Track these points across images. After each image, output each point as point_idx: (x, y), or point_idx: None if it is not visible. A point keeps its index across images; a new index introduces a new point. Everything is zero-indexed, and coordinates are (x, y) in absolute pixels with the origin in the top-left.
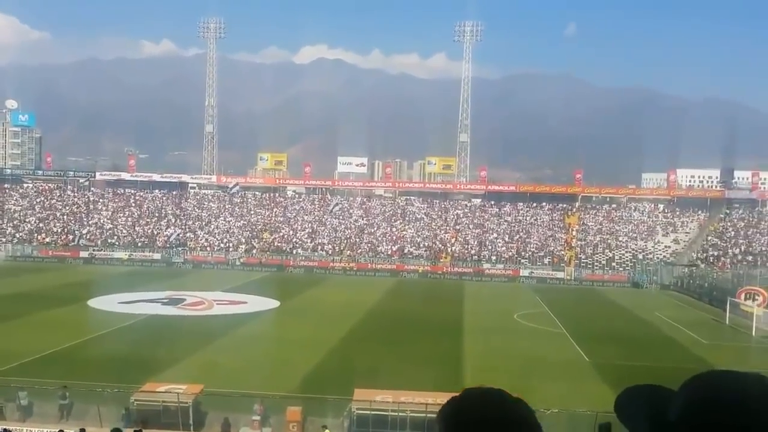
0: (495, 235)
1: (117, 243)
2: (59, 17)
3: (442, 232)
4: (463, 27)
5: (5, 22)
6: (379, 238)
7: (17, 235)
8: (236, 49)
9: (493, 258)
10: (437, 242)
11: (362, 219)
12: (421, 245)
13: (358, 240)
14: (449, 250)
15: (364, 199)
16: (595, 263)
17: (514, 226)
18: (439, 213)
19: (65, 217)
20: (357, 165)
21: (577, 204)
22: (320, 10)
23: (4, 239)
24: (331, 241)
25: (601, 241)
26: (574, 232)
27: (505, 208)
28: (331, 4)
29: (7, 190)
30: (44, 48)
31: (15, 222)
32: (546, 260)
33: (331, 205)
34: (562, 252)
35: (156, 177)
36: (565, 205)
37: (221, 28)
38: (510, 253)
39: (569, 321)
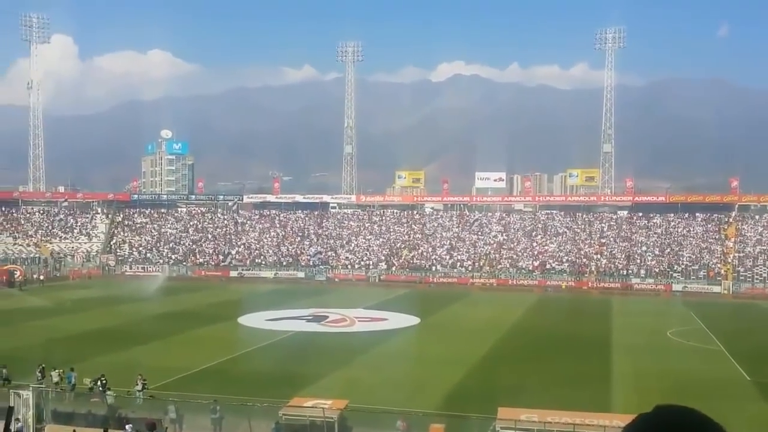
0: (644, 248)
1: (263, 262)
2: (209, 50)
3: (586, 246)
4: (604, 34)
5: (161, 58)
6: (520, 254)
7: (173, 257)
8: (374, 71)
9: (642, 272)
10: (581, 257)
11: (501, 234)
12: (564, 260)
13: (497, 256)
14: (594, 264)
15: (503, 214)
16: (756, 276)
17: (665, 239)
18: (583, 226)
19: (216, 238)
20: (495, 180)
21: (733, 213)
22: (458, 28)
23: (161, 260)
24: (470, 257)
25: (762, 252)
26: (731, 244)
27: (654, 220)
28: (469, 21)
29: (163, 215)
30: (196, 80)
31: (171, 244)
32: (700, 274)
33: (470, 220)
34: (718, 265)
35: (299, 198)
36: (720, 215)
37: (359, 51)
38: (661, 267)
39: (728, 338)
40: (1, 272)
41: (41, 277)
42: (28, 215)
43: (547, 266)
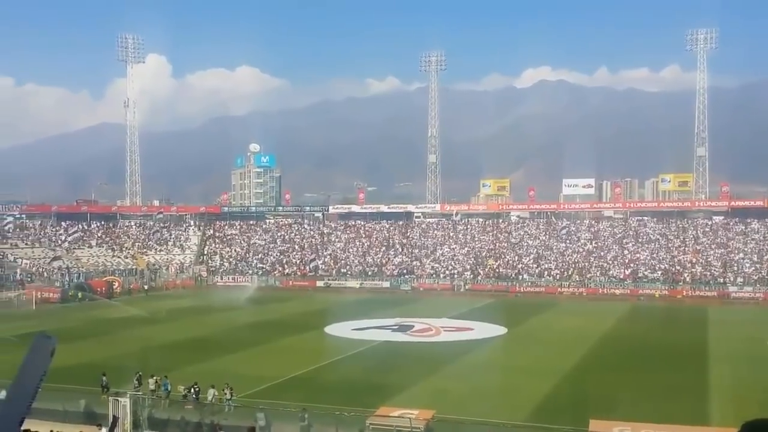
0: (741, 255)
1: (349, 272)
2: (295, 65)
3: (680, 253)
4: (695, 35)
5: (250, 74)
6: (610, 262)
7: (262, 267)
8: (457, 80)
9: (740, 280)
10: (675, 264)
11: (591, 242)
12: (657, 268)
13: (587, 264)
14: (689, 272)
15: (593, 222)
16: None
17: (763, 245)
18: (676, 233)
19: (303, 249)
20: (584, 186)
21: None
22: (544, 34)
23: (251, 271)
24: (558, 266)
25: None
26: None
27: (752, 226)
28: (556, 26)
29: (252, 226)
30: (282, 94)
31: (260, 255)
32: None
33: (558, 229)
34: None
35: (383, 208)
36: None
37: (442, 60)
38: (759, 275)
39: None
40: (101, 284)
41: (145, 287)
42: (125, 228)
43: (639, 275)
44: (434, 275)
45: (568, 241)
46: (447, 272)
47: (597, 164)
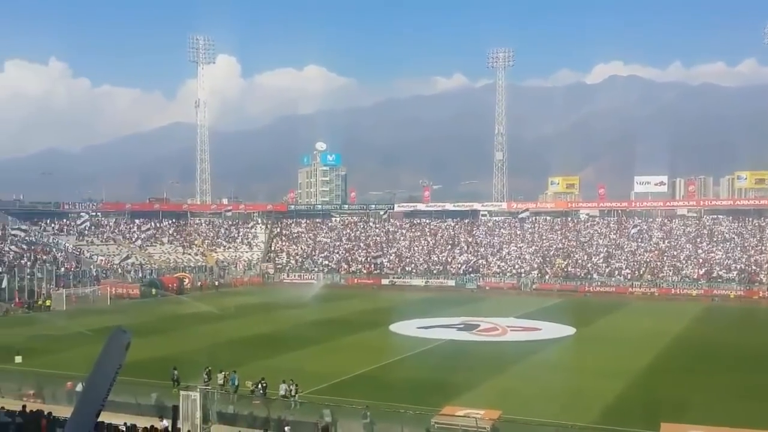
0: None
1: (414, 270)
2: (362, 64)
3: (757, 253)
4: None
5: (317, 73)
6: (683, 261)
7: (327, 265)
8: (526, 76)
9: None
10: (751, 264)
11: (663, 241)
12: (733, 268)
13: (659, 264)
14: (765, 272)
15: (665, 220)
16: None
17: None
18: (753, 232)
19: (368, 247)
20: (656, 184)
21: None
22: (615, 28)
23: (316, 269)
24: (629, 265)
25: None
26: None
27: None
28: (628, 20)
29: (318, 224)
30: (349, 93)
31: (325, 253)
32: None
33: (629, 227)
34: None
35: (449, 206)
36: None
37: (510, 57)
38: None
39: None
40: (172, 280)
41: (216, 283)
42: (195, 226)
43: (714, 274)
44: (500, 274)
45: (639, 240)
46: (513, 271)
47: (670, 161)
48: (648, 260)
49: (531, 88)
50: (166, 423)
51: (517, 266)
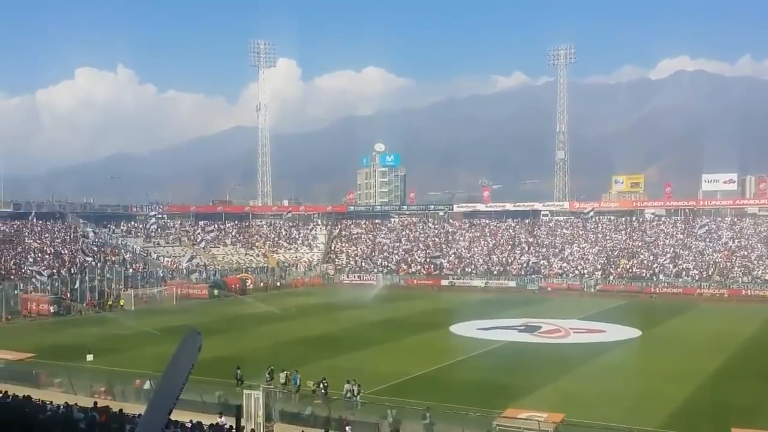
0: None
1: (474, 271)
2: (420, 64)
3: None
4: None
5: (376, 74)
6: (755, 262)
7: (387, 266)
8: (588, 73)
9: None
10: None
11: (733, 241)
12: None
13: (728, 264)
14: None
15: (735, 219)
16: None
17: None
18: None
19: (428, 248)
20: (725, 182)
21: None
22: (681, 22)
23: (376, 269)
24: (698, 265)
25: None
26: None
27: None
28: (694, 14)
29: (377, 225)
30: (407, 93)
31: (385, 254)
32: None
33: (697, 226)
34: None
35: (509, 206)
36: None
37: (571, 54)
38: None
39: None
40: (235, 281)
41: (278, 284)
42: (257, 228)
43: None
44: (562, 275)
45: (708, 240)
46: (576, 272)
47: (739, 158)
48: (717, 260)
49: (593, 85)
50: (223, 420)
51: (579, 267)
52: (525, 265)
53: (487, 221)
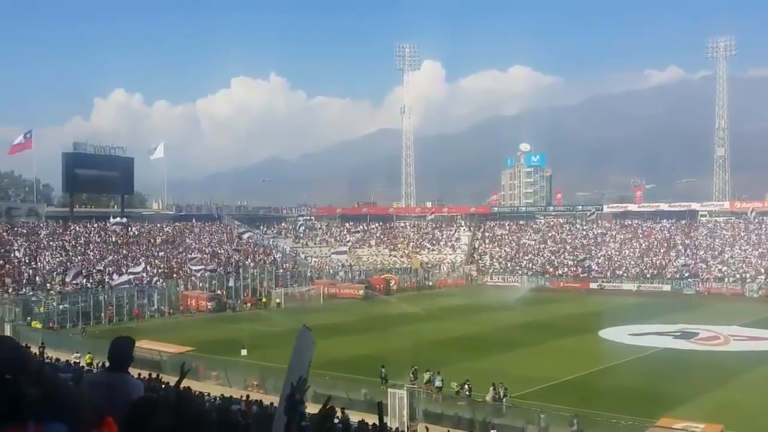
0: None
1: (625, 274)
2: (569, 61)
3: None
4: None
5: (522, 73)
6: None
7: (532, 268)
8: (750, 66)
9: None
10: None
11: None
12: None
13: None
14: None
15: None
16: None
17: None
18: None
19: (575, 250)
20: None
21: None
22: None
23: (520, 271)
24: None
25: None
26: None
27: None
28: None
29: (522, 227)
30: (554, 92)
31: (530, 255)
32: None
33: None
34: None
35: (663, 206)
36: None
37: (731, 46)
38: None
39: None
40: (379, 281)
41: (429, 283)
42: (401, 229)
43: None
44: (722, 279)
45: None
46: (737, 275)
47: None
48: None
49: (756, 78)
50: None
51: (741, 270)
52: (681, 268)
53: (640, 222)
